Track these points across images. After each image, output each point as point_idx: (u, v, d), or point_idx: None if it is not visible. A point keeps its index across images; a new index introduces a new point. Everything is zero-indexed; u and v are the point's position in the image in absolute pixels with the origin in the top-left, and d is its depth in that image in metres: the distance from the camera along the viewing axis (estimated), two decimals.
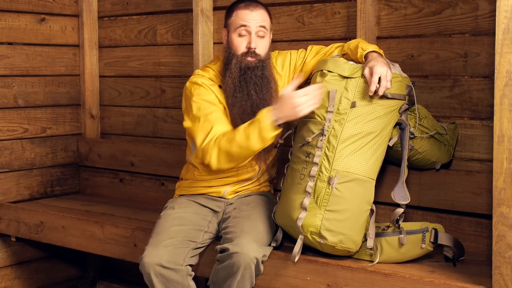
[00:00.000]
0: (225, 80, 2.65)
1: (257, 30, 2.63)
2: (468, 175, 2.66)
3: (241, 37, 2.64)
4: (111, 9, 3.90)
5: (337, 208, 2.37)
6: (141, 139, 3.83)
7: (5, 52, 3.64)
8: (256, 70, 2.62)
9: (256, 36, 2.64)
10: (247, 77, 2.61)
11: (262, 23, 2.64)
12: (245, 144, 2.46)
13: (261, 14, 2.66)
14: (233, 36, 2.65)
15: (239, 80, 2.62)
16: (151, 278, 2.47)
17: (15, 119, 3.71)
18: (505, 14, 2.06)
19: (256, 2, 2.69)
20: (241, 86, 2.62)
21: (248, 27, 2.62)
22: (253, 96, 2.61)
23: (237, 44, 2.64)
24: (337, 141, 2.41)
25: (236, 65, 2.62)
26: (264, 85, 2.63)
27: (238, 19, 2.64)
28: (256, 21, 2.63)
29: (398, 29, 2.87)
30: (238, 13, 2.65)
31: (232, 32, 2.66)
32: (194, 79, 2.71)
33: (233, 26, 2.65)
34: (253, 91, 2.61)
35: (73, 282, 3.95)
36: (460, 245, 2.47)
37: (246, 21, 2.62)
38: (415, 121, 2.57)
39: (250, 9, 2.64)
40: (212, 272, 2.52)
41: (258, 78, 2.62)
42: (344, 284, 2.38)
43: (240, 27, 2.63)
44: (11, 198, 3.68)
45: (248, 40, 2.63)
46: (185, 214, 2.67)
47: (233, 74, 2.62)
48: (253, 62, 2.62)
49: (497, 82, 2.08)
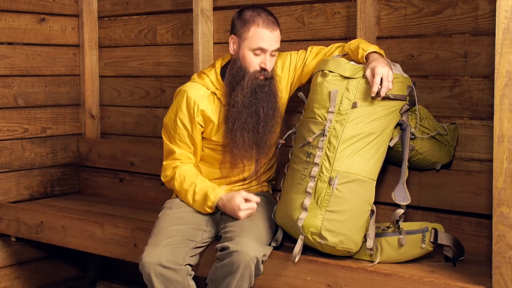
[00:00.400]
0: (233, 93, 2.65)
1: (272, 51, 2.63)
2: (468, 175, 2.66)
3: (256, 56, 2.62)
4: (111, 9, 3.90)
5: (337, 208, 2.37)
6: (141, 139, 3.83)
7: (5, 52, 3.64)
8: (265, 88, 2.65)
9: (270, 55, 2.64)
10: (257, 96, 2.63)
11: (278, 46, 2.65)
12: (185, 199, 2.72)
13: (278, 35, 2.64)
14: (247, 52, 2.62)
15: (249, 99, 2.63)
16: (151, 278, 2.48)
17: (15, 119, 3.71)
18: (505, 14, 2.06)
19: (273, 19, 2.65)
20: (251, 103, 2.64)
21: (265, 50, 2.61)
22: (260, 113, 2.64)
23: (251, 61, 2.63)
24: (338, 141, 2.41)
25: (248, 83, 2.62)
26: (270, 101, 2.65)
27: (256, 38, 2.60)
28: (273, 43, 2.62)
29: (398, 29, 2.87)
30: (257, 32, 2.60)
31: (246, 48, 2.62)
32: (188, 90, 2.73)
33: (249, 43, 2.61)
34: (260, 108, 2.64)
35: (73, 282, 3.95)
36: (460, 245, 2.47)
37: (265, 44, 2.60)
38: (416, 122, 2.57)
39: (269, 29, 2.60)
40: (211, 270, 2.52)
41: (266, 95, 2.65)
42: (344, 284, 2.38)
43: (258, 49, 2.61)
44: (11, 198, 3.68)
45: (263, 60, 2.62)
46: (183, 214, 2.68)
47: (244, 91, 2.63)
48: (263, 80, 2.64)
49: (497, 82, 2.08)
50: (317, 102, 2.51)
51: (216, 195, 2.63)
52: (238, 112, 2.64)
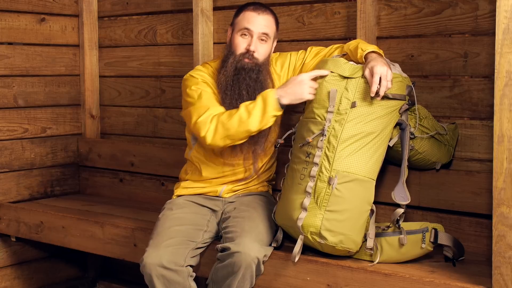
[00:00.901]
0: (219, 76, 2.67)
1: (259, 34, 2.65)
2: (468, 175, 2.66)
3: (243, 38, 2.66)
4: (111, 9, 3.90)
5: (337, 208, 2.37)
6: (141, 139, 3.83)
7: (5, 52, 3.64)
8: (251, 73, 2.64)
9: (258, 39, 2.65)
10: (240, 77, 2.63)
11: (266, 30, 2.66)
12: (245, 119, 2.49)
13: (267, 19, 2.67)
14: (236, 35, 2.68)
15: (232, 79, 2.63)
16: (152, 280, 2.47)
17: (15, 119, 3.71)
18: (505, 14, 2.06)
19: (265, 7, 2.71)
20: (233, 85, 2.63)
21: (251, 30, 2.64)
22: (244, 96, 2.62)
23: (238, 43, 2.67)
24: (337, 141, 2.41)
25: (232, 64, 2.64)
26: (257, 89, 2.63)
27: (243, 20, 2.67)
28: (260, 26, 2.65)
29: (398, 29, 2.87)
30: (245, 14, 2.68)
31: (236, 32, 2.69)
32: (192, 73, 2.75)
33: (238, 26, 2.68)
34: (244, 92, 2.62)
35: (73, 282, 3.95)
36: (460, 245, 2.47)
37: (250, 24, 2.65)
38: (415, 121, 2.57)
39: (257, 12, 2.67)
40: (212, 271, 2.52)
41: (252, 80, 2.64)
42: (344, 284, 2.38)
43: (244, 29, 2.65)
44: (11, 198, 3.68)
45: (249, 42, 2.66)
46: (183, 214, 2.68)
47: (227, 72, 2.64)
48: (249, 63, 2.64)
49: (497, 82, 2.08)
50: (316, 102, 2.51)
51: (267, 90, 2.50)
52: (223, 94, 2.64)
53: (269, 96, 2.50)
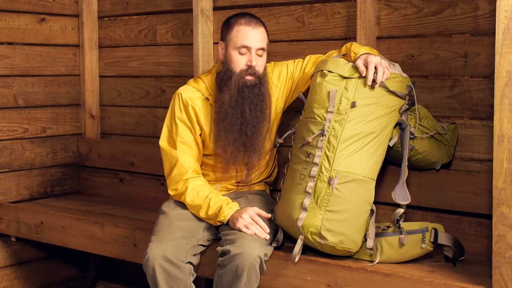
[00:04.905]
0: (220, 94, 2.67)
1: (257, 50, 2.65)
2: (468, 175, 2.66)
3: (241, 55, 2.65)
4: (111, 9, 3.90)
5: (337, 208, 2.37)
6: (141, 139, 3.83)
7: (5, 52, 3.64)
8: (254, 88, 2.65)
9: (256, 54, 2.66)
10: (244, 95, 2.64)
11: (263, 45, 2.67)
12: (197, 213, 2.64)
13: (261, 32, 2.67)
14: (233, 52, 2.66)
15: (236, 97, 2.65)
16: (155, 274, 2.46)
17: (15, 119, 3.71)
18: (505, 14, 2.06)
19: (256, 18, 2.69)
20: (237, 103, 2.65)
21: (249, 47, 2.64)
22: (246, 114, 2.64)
23: (236, 61, 2.66)
24: (337, 141, 2.41)
25: (235, 82, 2.64)
26: (258, 103, 2.66)
27: (239, 36, 2.64)
28: (257, 41, 2.65)
29: (398, 29, 2.87)
30: (240, 30, 2.65)
31: (232, 49, 2.66)
32: (181, 91, 2.76)
33: (233, 43, 2.66)
34: (247, 109, 2.65)
35: (73, 282, 3.95)
36: (460, 245, 2.47)
37: (247, 41, 2.63)
38: (415, 121, 2.57)
39: (251, 26, 2.65)
40: (216, 278, 2.49)
41: (255, 95, 2.65)
42: (344, 284, 2.38)
43: (242, 47, 2.64)
44: (11, 198, 3.68)
45: (249, 58, 2.65)
46: (183, 211, 2.69)
47: (231, 91, 2.65)
48: (252, 80, 2.65)
49: (497, 82, 2.08)
50: (316, 102, 2.51)
51: (230, 209, 2.59)
52: (224, 113, 2.66)
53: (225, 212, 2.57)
